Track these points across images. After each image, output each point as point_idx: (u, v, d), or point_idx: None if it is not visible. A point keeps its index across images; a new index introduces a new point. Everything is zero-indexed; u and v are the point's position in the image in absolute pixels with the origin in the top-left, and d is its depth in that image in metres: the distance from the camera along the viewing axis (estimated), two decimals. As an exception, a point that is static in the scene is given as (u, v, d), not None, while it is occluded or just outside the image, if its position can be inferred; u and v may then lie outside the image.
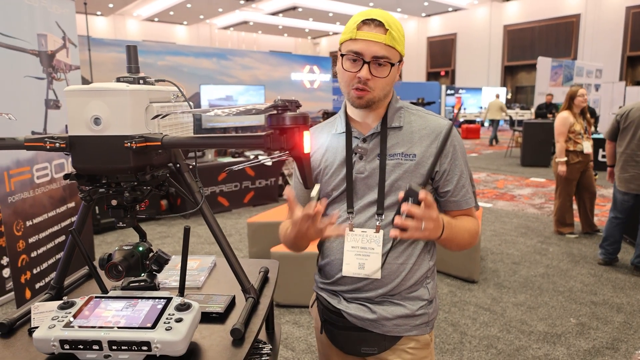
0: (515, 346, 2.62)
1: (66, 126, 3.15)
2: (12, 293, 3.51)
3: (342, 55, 1.08)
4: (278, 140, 0.72)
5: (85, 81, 4.57)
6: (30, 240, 2.38)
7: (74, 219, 2.77)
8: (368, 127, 1.15)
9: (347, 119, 1.18)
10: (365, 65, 1.03)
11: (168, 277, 1.25)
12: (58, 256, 2.61)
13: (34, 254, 2.43)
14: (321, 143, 1.20)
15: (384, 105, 1.14)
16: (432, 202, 0.99)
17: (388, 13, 1.08)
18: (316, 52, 27.66)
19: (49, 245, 2.58)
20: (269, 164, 5.37)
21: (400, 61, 1.09)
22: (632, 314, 2.99)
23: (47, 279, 2.51)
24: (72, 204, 2.79)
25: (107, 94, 0.85)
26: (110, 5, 19.35)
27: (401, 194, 0.97)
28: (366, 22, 1.04)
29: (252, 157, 6.19)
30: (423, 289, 1.17)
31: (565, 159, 4.38)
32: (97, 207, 4.63)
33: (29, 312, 1.01)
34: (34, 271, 2.43)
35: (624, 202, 3.70)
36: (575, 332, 2.77)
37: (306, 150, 0.74)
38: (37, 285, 2.44)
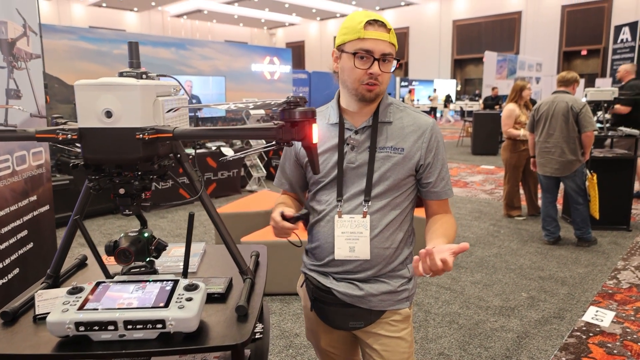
0: (474, 320, 2.84)
1: (30, 114, 2.99)
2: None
3: (353, 53, 1.15)
4: (289, 131, 0.80)
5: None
6: (-6, 235, 2.30)
7: (36, 213, 2.69)
8: (360, 120, 1.24)
9: (340, 110, 1.26)
10: (376, 62, 1.13)
11: (161, 263, 1.29)
12: (21, 251, 2.53)
13: (-3, 250, 2.34)
14: None
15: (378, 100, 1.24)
16: (431, 252, 0.99)
17: (380, 15, 1.19)
18: (272, 43, 27.35)
19: (12, 241, 2.50)
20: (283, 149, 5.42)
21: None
22: (575, 286, 3.32)
23: (10, 276, 2.44)
24: (34, 198, 2.70)
25: (118, 89, 0.88)
26: (54, -12, 18.20)
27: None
28: (371, 23, 1.14)
29: (213, 148, 6.13)
30: (404, 269, 1.29)
31: (524, 132, 4.58)
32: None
33: (28, 300, 1.03)
34: (-2, 268, 2.35)
35: (547, 184, 4.14)
36: (526, 305, 3.04)
37: (314, 140, 0.82)
38: (1, 282, 2.37)
